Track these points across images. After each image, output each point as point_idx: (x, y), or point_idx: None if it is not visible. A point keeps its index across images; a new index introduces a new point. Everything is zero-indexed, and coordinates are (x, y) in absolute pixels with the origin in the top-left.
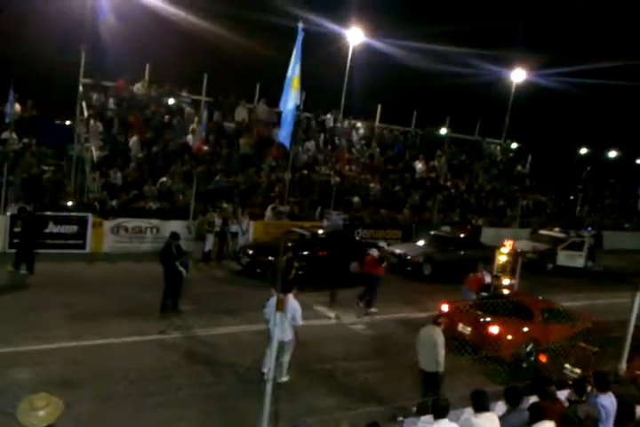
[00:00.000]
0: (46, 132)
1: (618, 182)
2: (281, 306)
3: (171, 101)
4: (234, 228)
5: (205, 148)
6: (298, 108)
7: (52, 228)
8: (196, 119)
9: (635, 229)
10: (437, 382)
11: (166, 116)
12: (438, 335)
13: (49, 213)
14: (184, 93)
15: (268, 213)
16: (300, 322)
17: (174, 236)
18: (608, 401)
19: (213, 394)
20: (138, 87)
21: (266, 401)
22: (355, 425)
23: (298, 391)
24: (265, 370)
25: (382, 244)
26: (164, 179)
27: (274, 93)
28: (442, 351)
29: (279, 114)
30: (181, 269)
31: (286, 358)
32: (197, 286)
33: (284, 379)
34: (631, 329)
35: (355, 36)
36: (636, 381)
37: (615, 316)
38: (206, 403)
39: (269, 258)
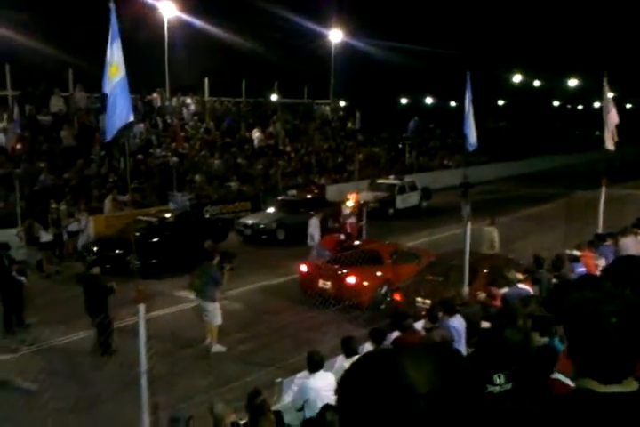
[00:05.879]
0: None
1: (437, 126)
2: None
3: None
4: (71, 227)
5: (19, 146)
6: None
7: None
8: (5, 116)
9: (457, 166)
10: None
11: None
12: (495, 232)
13: None
14: None
15: (107, 205)
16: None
17: (3, 246)
18: (457, 322)
19: (84, 401)
20: None
21: (143, 394)
22: (238, 398)
23: (173, 380)
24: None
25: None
26: None
27: (91, 77)
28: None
29: (100, 99)
30: (20, 277)
31: None
32: (41, 295)
33: None
34: (467, 256)
35: (168, 10)
36: (476, 299)
37: (453, 246)
38: (78, 413)
39: (117, 252)
